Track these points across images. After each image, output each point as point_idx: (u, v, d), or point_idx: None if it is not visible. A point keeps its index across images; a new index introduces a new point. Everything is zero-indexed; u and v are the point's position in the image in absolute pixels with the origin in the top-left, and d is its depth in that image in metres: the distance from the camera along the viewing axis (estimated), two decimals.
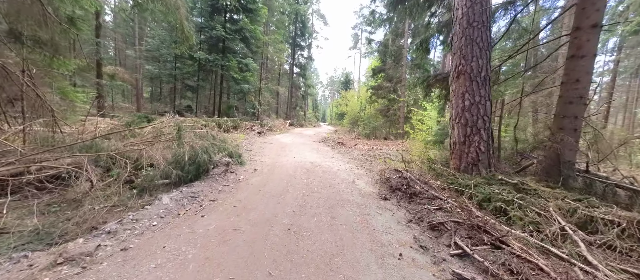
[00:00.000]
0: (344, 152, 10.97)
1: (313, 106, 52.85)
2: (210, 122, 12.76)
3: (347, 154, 10.49)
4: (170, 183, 4.21)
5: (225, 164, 5.33)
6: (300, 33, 29.62)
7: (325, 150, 11.24)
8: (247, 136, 12.68)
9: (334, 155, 9.79)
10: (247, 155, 7.89)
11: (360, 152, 11.59)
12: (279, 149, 10.04)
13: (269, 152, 9.06)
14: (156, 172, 4.18)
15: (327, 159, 8.84)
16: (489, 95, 5.08)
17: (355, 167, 7.91)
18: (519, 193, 3.73)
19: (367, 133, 21.51)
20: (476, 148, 4.95)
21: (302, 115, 35.29)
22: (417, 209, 4.30)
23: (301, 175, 6.06)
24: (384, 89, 22.30)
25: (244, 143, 10.12)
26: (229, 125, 13.85)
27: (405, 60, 21.43)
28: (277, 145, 10.93)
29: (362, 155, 10.64)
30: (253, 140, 11.56)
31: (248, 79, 15.92)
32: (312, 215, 3.78)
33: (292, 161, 7.66)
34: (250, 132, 14.01)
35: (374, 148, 14.21)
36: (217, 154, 5.69)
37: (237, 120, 14.92)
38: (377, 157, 10.46)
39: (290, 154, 9.02)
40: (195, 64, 15.43)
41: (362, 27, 39.32)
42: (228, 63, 14.43)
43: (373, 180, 6.30)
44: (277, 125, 22.60)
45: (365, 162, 9.06)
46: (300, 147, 11.23)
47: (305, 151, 9.99)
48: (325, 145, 12.90)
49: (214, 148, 6.07)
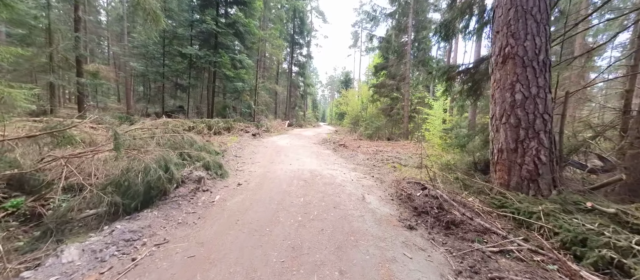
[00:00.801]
0: (347, 156, 9.59)
1: (312, 106, 51.45)
2: (199, 124, 11.38)
3: (351, 159, 9.11)
4: (103, 214, 2.83)
5: (197, 179, 3.95)
6: (299, 30, 28.22)
7: (326, 154, 9.86)
8: (240, 139, 11.31)
9: (336, 161, 8.41)
10: (233, 164, 6.50)
11: (365, 155, 10.22)
12: (273, 153, 8.66)
13: (261, 158, 7.68)
14: (83, 199, 2.81)
15: (328, 165, 7.46)
16: (549, 85, 3.70)
17: (362, 176, 6.54)
18: (634, 233, 2.36)
19: (370, 133, 20.13)
20: (534, 158, 3.58)
21: (302, 116, 33.89)
22: (461, 247, 2.92)
23: (297, 191, 4.68)
24: (386, 87, 20.93)
25: (234, 147, 8.74)
26: (221, 127, 12.47)
27: (408, 57, 20.06)
28: (272, 149, 9.55)
29: (368, 159, 9.27)
30: (245, 144, 10.18)
31: (242, 76, 14.53)
32: (310, 268, 2.40)
33: (287, 170, 6.28)
34: (244, 134, 12.63)
35: (380, 150, 12.83)
36: (187, 167, 4.32)
37: (231, 121, 13.53)
38: (385, 161, 9.08)
39: (286, 160, 7.64)
40: (185, 60, 14.06)
41: (362, 25, 37.91)
42: (220, 59, 13.03)
43: (388, 196, 4.92)
44: (275, 125, 21.21)
45: (373, 169, 7.68)
46: (298, 150, 9.85)
47: (303, 156, 8.61)
48: (326, 148, 11.51)
49: (184, 158, 4.69)
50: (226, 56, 13.16)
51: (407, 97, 20.22)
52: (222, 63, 13.18)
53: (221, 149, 8.04)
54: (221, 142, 9.79)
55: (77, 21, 12.82)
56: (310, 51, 30.93)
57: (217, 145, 8.73)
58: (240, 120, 14.91)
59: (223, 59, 13.12)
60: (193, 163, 4.75)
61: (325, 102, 79.07)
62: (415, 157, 10.16)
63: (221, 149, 8.04)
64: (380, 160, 9.19)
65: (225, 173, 5.09)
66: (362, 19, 38.10)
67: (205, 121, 11.77)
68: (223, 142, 9.89)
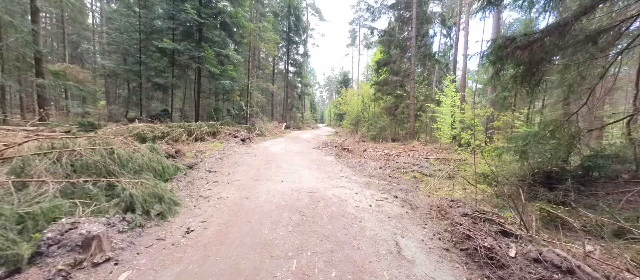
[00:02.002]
0: (354, 164, 7.61)
1: (311, 107, 49.49)
2: (176, 129, 9.37)
3: (360, 168, 7.14)
4: None
5: (83, 241, 1.97)
6: (294, 27, 26.28)
7: (329, 161, 7.89)
8: (225, 145, 9.31)
9: (342, 172, 6.43)
10: (199, 185, 4.50)
11: (375, 161, 8.26)
12: (262, 164, 6.67)
13: (244, 173, 5.68)
14: None
15: (333, 180, 5.48)
16: None
17: (382, 196, 4.57)
18: None
19: (374, 134, 18.19)
20: None
21: (300, 117, 31.91)
22: None
23: (286, 239, 2.71)
24: (390, 84, 19.02)
25: (212, 158, 6.74)
26: (205, 132, 10.47)
27: (413, 51, 18.17)
28: (262, 158, 7.56)
29: (381, 167, 7.30)
30: (230, 152, 8.19)
31: (230, 74, 12.54)
32: None
33: (276, 193, 4.30)
34: (231, 140, 10.63)
35: (390, 154, 10.87)
36: (82, 213, 2.34)
37: (217, 124, 11.53)
38: (402, 170, 7.12)
39: (276, 174, 5.66)
40: (165, 57, 12.07)
41: (360, 22, 36.00)
42: (203, 54, 11.04)
43: (435, 239, 2.95)
44: (270, 128, 19.21)
45: (391, 182, 5.72)
46: (294, 159, 7.87)
47: (300, 167, 6.63)
48: (328, 154, 9.53)
49: (89, 195, 2.70)
50: (210, 50, 11.17)
51: (412, 94, 18.30)
52: (206, 58, 11.18)
53: (194, 161, 6.05)
54: (199, 150, 7.79)
55: (34, 12, 10.81)
56: (307, 49, 28.99)
57: (191, 156, 6.74)
58: (229, 124, 12.91)
59: (207, 54, 11.13)
60: (109, 199, 2.75)
61: (324, 104, 77.13)
62: (436, 163, 8.22)
63: (194, 161, 6.05)
64: (396, 169, 7.23)
65: (172, 209, 3.09)
66: (361, 16, 36.27)
67: (184, 125, 9.76)
68: (202, 150, 7.89)
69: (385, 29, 18.76)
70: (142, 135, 7.81)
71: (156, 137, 8.25)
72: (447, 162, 8.44)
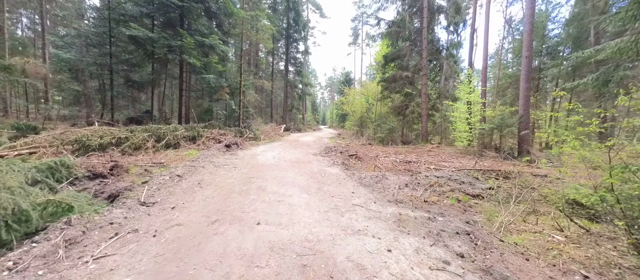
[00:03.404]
0: (369, 180, 5.43)
1: (312, 109, 47.38)
2: (139, 133, 7.27)
3: (379, 187, 4.98)
4: None
5: None
6: (294, 24, 24.19)
7: (333, 175, 5.72)
8: (203, 154, 7.19)
9: (355, 196, 4.26)
10: (97, 237, 2.37)
11: (395, 173, 6.09)
12: (238, 185, 4.53)
13: (200, 205, 3.52)
14: None
15: (344, 215, 3.33)
16: None
17: (435, 259, 2.36)
18: None
19: (382, 137, 16.00)
20: None
21: (300, 119, 29.78)
22: None
23: None
24: (398, 81, 16.81)
25: (166, 176, 4.59)
26: (181, 136, 8.37)
27: (425, 44, 16.00)
28: (242, 174, 5.42)
29: (407, 185, 5.13)
30: (203, 163, 6.06)
31: (215, 67, 10.45)
32: None
33: (238, 260, 2.16)
34: (213, 145, 8.51)
35: (407, 161, 8.70)
36: None
37: (199, 127, 9.42)
38: (438, 189, 4.96)
39: (254, 204, 3.52)
40: (139, 49, 10.02)
41: (363, 19, 33.89)
42: (180, 42, 8.95)
43: None
44: (267, 131, 17.10)
45: (435, 215, 3.56)
46: (288, 173, 5.73)
47: (294, 188, 4.48)
48: (332, 163, 7.37)
49: None
50: (190, 38, 9.09)
51: (424, 91, 16.09)
52: (185, 47, 9.09)
53: (132, 183, 3.92)
54: (158, 163, 5.67)
55: None
56: (307, 46, 26.87)
57: (138, 173, 4.62)
58: (216, 126, 10.80)
59: (186, 42, 9.05)
60: None
61: (325, 105, 74.96)
62: (477, 175, 6.02)
63: (132, 183, 3.92)
64: (428, 187, 5.07)
65: None
66: (363, 12, 34.15)
67: (152, 129, 7.64)
68: (164, 162, 5.77)
69: (393, 20, 16.60)
70: (83, 143, 5.71)
71: (107, 144, 6.14)
72: (488, 174, 6.25)
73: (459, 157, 10.97)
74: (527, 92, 10.43)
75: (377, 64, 24.09)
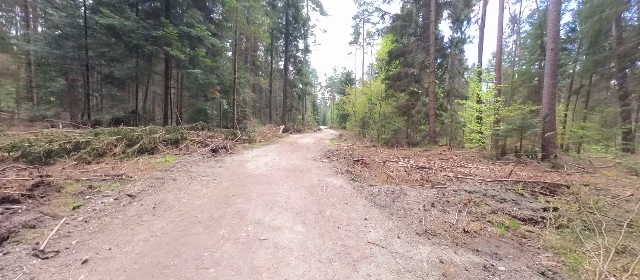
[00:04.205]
0: (384, 197, 4.20)
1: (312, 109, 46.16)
2: (105, 137, 6.06)
3: (397, 206, 3.76)
4: None
5: None
6: (294, 21, 22.97)
7: (338, 190, 4.50)
8: (181, 160, 5.98)
9: (369, 225, 3.04)
10: None
11: (416, 189, 4.86)
12: (208, 212, 3.31)
13: (134, 251, 2.30)
14: None
15: (360, 266, 2.12)
16: None
17: None
18: None
19: (387, 138, 14.77)
20: None
21: (300, 119, 28.55)
22: None
23: None
24: (404, 78, 15.58)
25: (117, 193, 3.40)
26: (159, 140, 7.16)
27: (432, 39, 14.78)
28: (219, 191, 4.20)
29: (433, 204, 3.91)
30: (175, 174, 4.85)
31: (203, 61, 9.23)
32: None
33: None
34: (197, 150, 7.30)
35: (421, 167, 7.48)
36: None
37: (183, 129, 8.21)
38: (474, 210, 3.74)
39: (216, 256, 2.28)
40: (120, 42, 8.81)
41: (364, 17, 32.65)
42: (160, 32, 7.75)
43: None
44: (264, 132, 15.89)
45: (491, 258, 2.32)
46: (281, 187, 4.52)
47: (284, 214, 3.27)
48: (335, 172, 6.15)
49: None
50: (173, 28, 7.90)
51: (432, 90, 14.88)
52: (167, 37, 7.89)
53: (59, 210, 2.72)
54: (115, 175, 4.46)
55: None
56: (307, 44, 25.64)
57: (76, 192, 3.41)
58: (204, 128, 9.59)
59: (168, 33, 7.86)
60: None
61: (326, 105, 73.69)
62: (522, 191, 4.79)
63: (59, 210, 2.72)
64: (461, 206, 3.84)
65: None
66: (365, 10, 32.93)
67: (123, 131, 6.42)
68: (122, 174, 4.55)
69: (398, 13, 15.38)
70: (24, 150, 4.50)
71: (58, 150, 4.93)
72: (531, 186, 5.02)
73: (475, 162, 9.73)
74: (552, 89, 9.20)
75: (379, 62, 22.85)
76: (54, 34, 9.01)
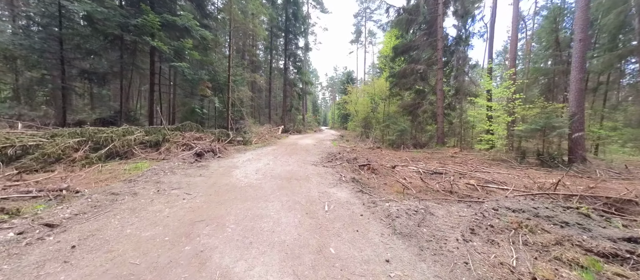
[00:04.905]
0: (405, 222, 3.13)
1: (313, 109, 45.12)
2: (65, 138, 5.04)
3: (426, 236, 2.71)
4: None
5: None
6: (293, 18, 21.97)
7: (343, 207, 3.46)
8: (156, 167, 4.96)
9: (395, 274, 2.02)
10: None
11: (443, 206, 3.82)
12: (151, 256, 2.29)
13: None
14: None
15: None
16: None
17: None
18: None
19: (392, 139, 13.72)
20: None
21: (300, 120, 27.51)
22: None
23: None
24: (410, 75, 14.52)
25: (27, 224, 2.39)
26: (138, 142, 6.15)
27: (440, 34, 13.73)
28: (185, 213, 3.17)
29: (473, 231, 2.84)
30: (140, 186, 3.83)
31: (191, 54, 8.20)
32: None
33: None
34: (178, 154, 6.28)
35: (436, 173, 6.43)
36: None
37: (165, 130, 7.20)
38: (529, 238, 2.69)
39: None
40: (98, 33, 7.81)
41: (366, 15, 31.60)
42: (138, 20, 6.74)
43: None
44: (262, 133, 14.87)
45: None
46: (269, 202, 3.50)
47: (265, 260, 2.23)
48: (339, 181, 5.11)
49: None
50: (154, 17, 6.89)
51: (439, 88, 13.81)
52: (147, 27, 6.88)
53: None
54: (61, 188, 3.44)
55: None
56: (307, 42, 24.64)
57: None
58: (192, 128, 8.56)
59: (149, 21, 6.85)
60: None
61: (326, 105, 72.59)
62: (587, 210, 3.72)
63: None
64: (511, 234, 2.79)
65: None
66: (366, 7, 31.88)
67: (87, 132, 5.41)
68: (67, 186, 3.53)
69: (404, 6, 14.33)
70: None
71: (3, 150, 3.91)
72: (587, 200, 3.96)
73: (492, 166, 8.66)
74: (580, 85, 8.13)
75: (383, 59, 21.77)
76: (20, 24, 8.00)
